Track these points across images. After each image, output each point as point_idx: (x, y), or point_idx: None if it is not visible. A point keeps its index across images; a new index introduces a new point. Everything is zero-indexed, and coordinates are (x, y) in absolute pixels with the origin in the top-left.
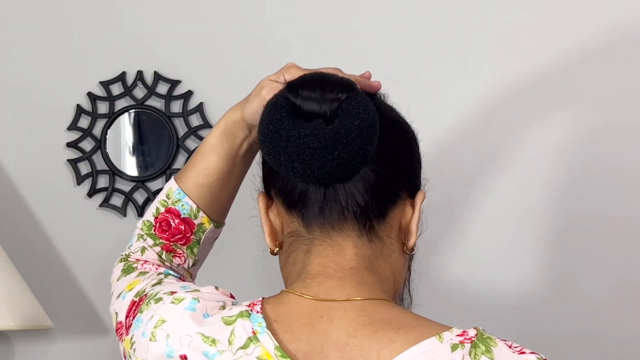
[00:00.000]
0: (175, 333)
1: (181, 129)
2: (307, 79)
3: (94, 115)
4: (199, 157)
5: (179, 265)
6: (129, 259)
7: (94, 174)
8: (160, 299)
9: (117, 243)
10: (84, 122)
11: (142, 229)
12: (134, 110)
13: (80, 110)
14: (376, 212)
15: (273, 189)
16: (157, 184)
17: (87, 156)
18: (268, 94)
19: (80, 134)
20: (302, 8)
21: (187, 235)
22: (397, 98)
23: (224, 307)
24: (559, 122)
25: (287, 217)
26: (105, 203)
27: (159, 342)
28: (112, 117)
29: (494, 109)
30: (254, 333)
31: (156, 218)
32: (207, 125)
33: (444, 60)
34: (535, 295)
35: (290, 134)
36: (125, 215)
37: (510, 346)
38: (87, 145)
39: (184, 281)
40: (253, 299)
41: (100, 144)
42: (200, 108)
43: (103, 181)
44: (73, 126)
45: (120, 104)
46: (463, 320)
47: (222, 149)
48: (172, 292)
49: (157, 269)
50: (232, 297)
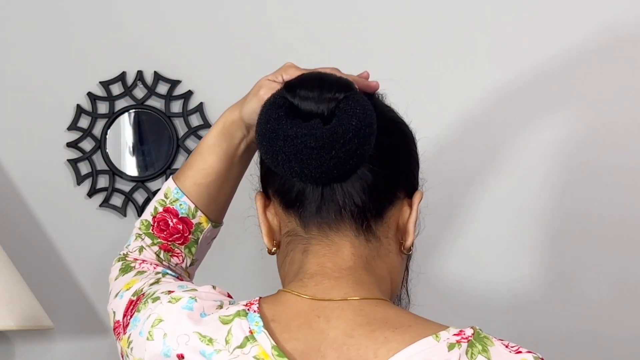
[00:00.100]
0: (173, 332)
1: (181, 129)
2: (305, 78)
3: (94, 115)
4: (197, 156)
5: (177, 264)
6: (126, 258)
7: (94, 174)
8: (158, 298)
9: (117, 243)
10: (84, 122)
11: (140, 228)
12: (134, 110)
13: (80, 110)
14: (373, 211)
15: (271, 188)
16: (157, 184)
17: (87, 156)
18: (266, 93)
19: (80, 134)
20: (302, 8)
21: (185, 235)
22: (396, 98)
23: (221, 307)
24: (557, 122)
25: (284, 217)
26: (105, 203)
27: (156, 341)
28: (112, 117)
29: (492, 109)
30: (251, 332)
31: (154, 217)
32: (207, 125)
33: (443, 60)
34: (533, 295)
35: (288, 133)
36: (125, 215)
37: (507, 346)
38: (87, 145)
39: (182, 280)
40: (251, 298)
41: (100, 144)
42: (200, 108)
43: (103, 181)
44: (73, 126)
45: (120, 104)
46: (461, 320)
47: (220, 149)
48: (170, 292)
49: (155, 268)
50: (230, 296)
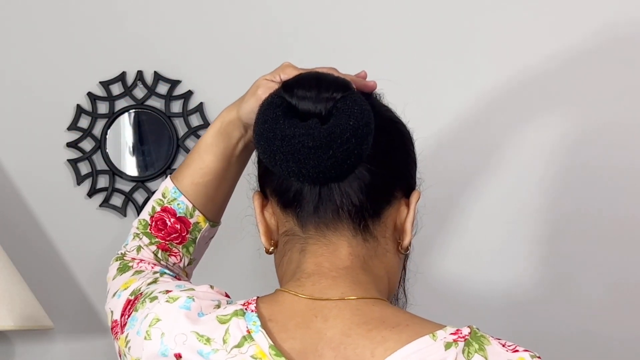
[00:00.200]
0: (170, 332)
1: (181, 129)
2: (303, 78)
3: (94, 115)
4: (195, 156)
5: (174, 264)
6: (124, 257)
7: (94, 174)
8: (156, 298)
9: (117, 243)
10: (84, 122)
11: (137, 227)
12: (134, 110)
13: (80, 110)
14: (371, 211)
15: (268, 188)
16: (157, 184)
17: (87, 156)
18: (264, 93)
19: (80, 134)
20: (303, 8)
21: (183, 234)
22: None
23: (218, 306)
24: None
25: (282, 216)
26: (105, 203)
27: (153, 340)
28: (112, 117)
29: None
30: (248, 332)
31: (152, 217)
32: (207, 125)
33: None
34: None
35: (285, 133)
36: (125, 215)
37: (504, 345)
38: (87, 145)
39: (180, 280)
40: (248, 298)
41: (100, 144)
42: (200, 108)
43: (103, 181)
44: (73, 126)
45: (120, 104)
46: (459, 320)
47: (217, 149)
48: (167, 291)
49: (152, 267)
50: (227, 296)
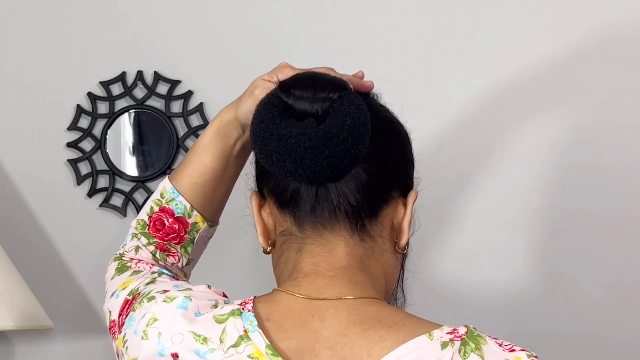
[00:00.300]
0: (167, 331)
1: (181, 129)
2: (299, 78)
3: (94, 115)
4: (193, 156)
5: (173, 264)
6: (123, 257)
7: (94, 174)
8: (153, 298)
9: (117, 243)
10: (84, 122)
11: (136, 228)
12: (134, 110)
13: (80, 110)
14: (368, 211)
15: (266, 188)
16: (157, 184)
17: (87, 156)
18: (261, 93)
19: (80, 134)
20: (303, 8)
21: (181, 235)
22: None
23: (216, 306)
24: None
25: (279, 216)
26: (105, 203)
27: (150, 340)
28: (112, 117)
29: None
30: (245, 331)
31: (150, 217)
32: (207, 125)
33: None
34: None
35: (282, 133)
36: (125, 215)
37: (500, 344)
38: (87, 145)
39: (178, 280)
40: (246, 297)
41: (100, 144)
42: (200, 108)
43: (103, 181)
44: (73, 126)
45: (120, 104)
46: (457, 320)
47: (215, 148)
48: (165, 291)
49: (151, 268)
50: (225, 295)
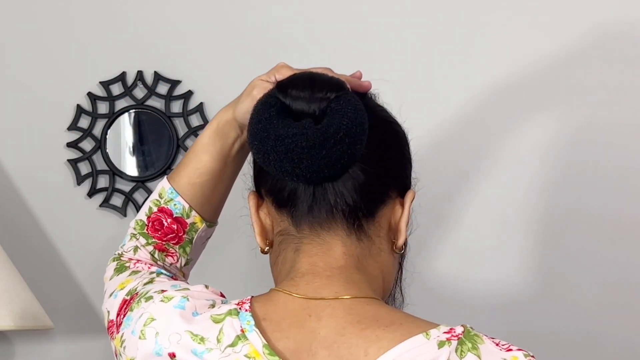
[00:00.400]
0: (164, 331)
1: (181, 129)
2: (297, 78)
3: (94, 115)
4: (192, 156)
5: (171, 264)
6: (121, 258)
7: (94, 174)
8: (151, 298)
9: (117, 243)
10: (84, 122)
11: (134, 228)
12: (134, 110)
13: (80, 110)
14: (365, 211)
15: (263, 188)
16: (157, 184)
17: (87, 156)
18: (259, 93)
19: (81, 134)
20: (303, 8)
21: (180, 235)
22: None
23: (213, 306)
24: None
25: (277, 216)
26: (105, 203)
27: (148, 340)
28: (112, 117)
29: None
30: (242, 331)
31: (149, 217)
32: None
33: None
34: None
35: (279, 133)
36: (125, 215)
37: (497, 344)
38: (87, 145)
39: (176, 280)
40: (244, 297)
41: (101, 144)
42: (200, 108)
43: (103, 181)
44: (73, 126)
45: (120, 104)
46: (455, 319)
47: (214, 149)
48: (162, 291)
49: (149, 268)
50: (223, 295)
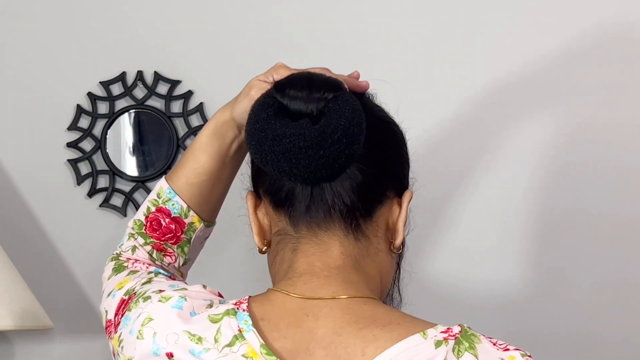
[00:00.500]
0: (162, 331)
1: (181, 129)
2: (295, 78)
3: (94, 115)
4: (190, 156)
5: (169, 264)
6: (119, 257)
7: (94, 174)
8: (149, 297)
9: (117, 243)
10: (84, 122)
11: (133, 228)
12: (134, 110)
13: (80, 110)
14: (362, 211)
15: (261, 188)
16: None
17: (87, 156)
18: (257, 93)
19: (81, 134)
20: (303, 8)
21: (178, 235)
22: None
23: (211, 306)
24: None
25: (274, 216)
26: (105, 203)
27: (145, 339)
28: (112, 117)
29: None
30: (240, 331)
31: (147, 217)
32: None
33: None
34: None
35: (277, 133)
36: (125, 215)
37: (494, 343)
38: (87, 145)
39: (174, 280)
40: (241, 297)
41: (101, 144)
42: (200, 108)
43: (103, 181)
44: (73, 126)
45: (120, 104)
46: (453, 319)
47: (212, 149)
48: (160, 291)
49: (147, 267)
50: (220, 295)
